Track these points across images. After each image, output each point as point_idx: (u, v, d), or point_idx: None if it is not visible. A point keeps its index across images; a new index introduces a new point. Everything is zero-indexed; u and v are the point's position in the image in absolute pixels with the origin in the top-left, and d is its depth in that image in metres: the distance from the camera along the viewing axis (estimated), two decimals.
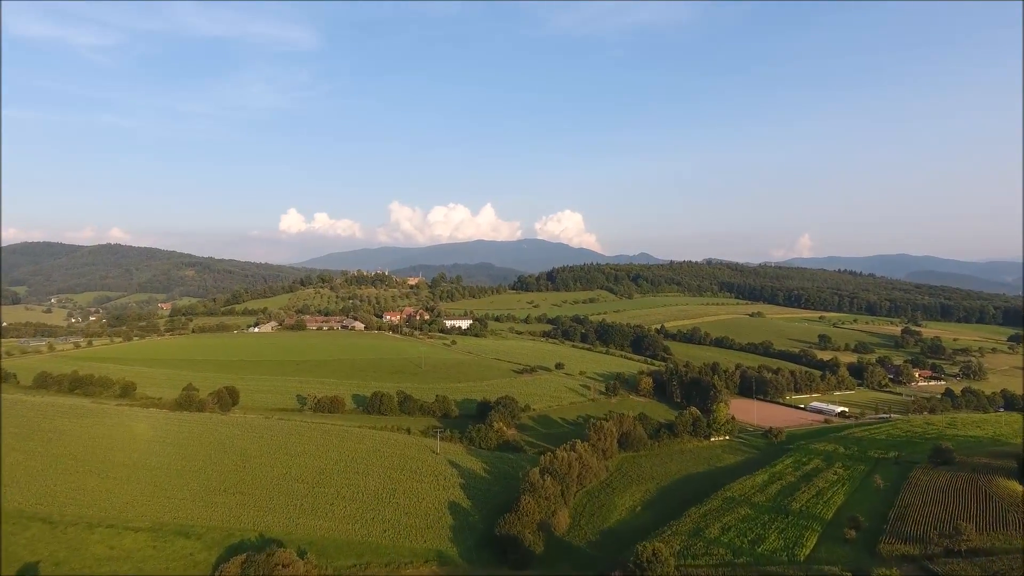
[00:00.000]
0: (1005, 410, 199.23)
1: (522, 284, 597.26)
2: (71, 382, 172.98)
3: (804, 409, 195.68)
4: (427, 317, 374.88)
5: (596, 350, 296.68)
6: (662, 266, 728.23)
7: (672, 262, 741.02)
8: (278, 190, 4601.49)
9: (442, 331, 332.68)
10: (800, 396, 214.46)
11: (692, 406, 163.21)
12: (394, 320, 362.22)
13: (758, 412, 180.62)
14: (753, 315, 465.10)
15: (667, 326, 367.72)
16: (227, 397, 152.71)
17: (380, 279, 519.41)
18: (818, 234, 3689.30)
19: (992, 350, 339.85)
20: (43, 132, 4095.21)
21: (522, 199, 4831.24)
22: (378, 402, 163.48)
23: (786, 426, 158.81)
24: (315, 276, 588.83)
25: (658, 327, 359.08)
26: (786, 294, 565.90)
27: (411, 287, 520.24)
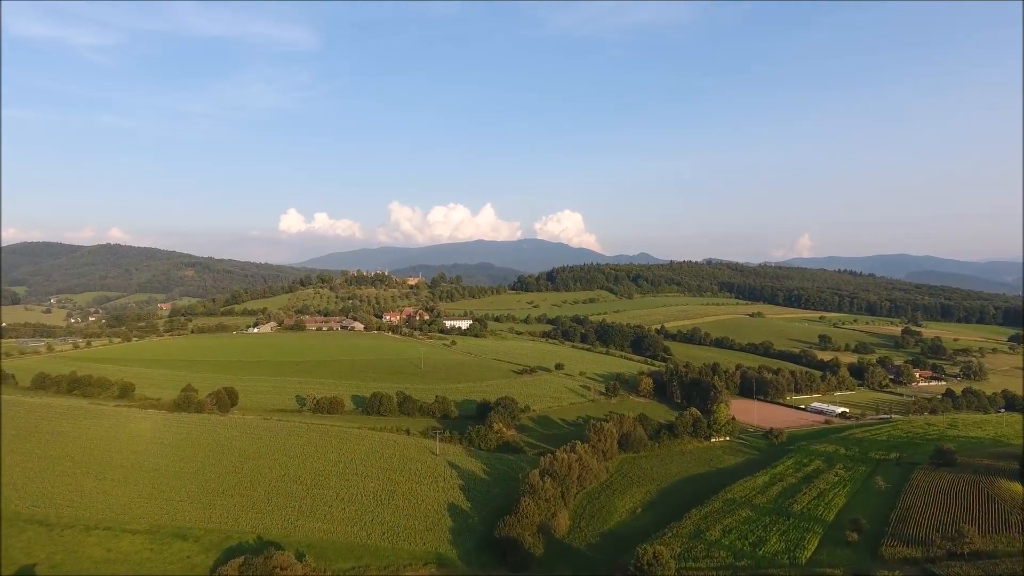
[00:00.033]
0: (1006, 411, 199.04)
1: (522, 284, 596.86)
2: (69, 383, 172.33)
3: (805, 410, 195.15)
4: (427, 317, 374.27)
5: (596, 350, 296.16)
6: (662, 266, 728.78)
7: (672, 262, 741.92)
8: (278, 190, 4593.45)
9: (442, 331, 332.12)
10: (800, 397, 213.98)
11: (692, 407, 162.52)
12: (394, 320, 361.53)
13: (759, 413, 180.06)
14: (753, 315, 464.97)
15: (667, 326, 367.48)
16: (226, 398, 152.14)
17: (380, 279, 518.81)
18: (818, 234, 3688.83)
19: (992, 350, 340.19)
20: (43, 132, 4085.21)
21: (522, 199, 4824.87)
22: (377, 403, 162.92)
23: (787, 427, 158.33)
24: (315, 276, 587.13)
25: (658, 327, 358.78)
26: (786, 294, 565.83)
27: (411, 287, 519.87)
